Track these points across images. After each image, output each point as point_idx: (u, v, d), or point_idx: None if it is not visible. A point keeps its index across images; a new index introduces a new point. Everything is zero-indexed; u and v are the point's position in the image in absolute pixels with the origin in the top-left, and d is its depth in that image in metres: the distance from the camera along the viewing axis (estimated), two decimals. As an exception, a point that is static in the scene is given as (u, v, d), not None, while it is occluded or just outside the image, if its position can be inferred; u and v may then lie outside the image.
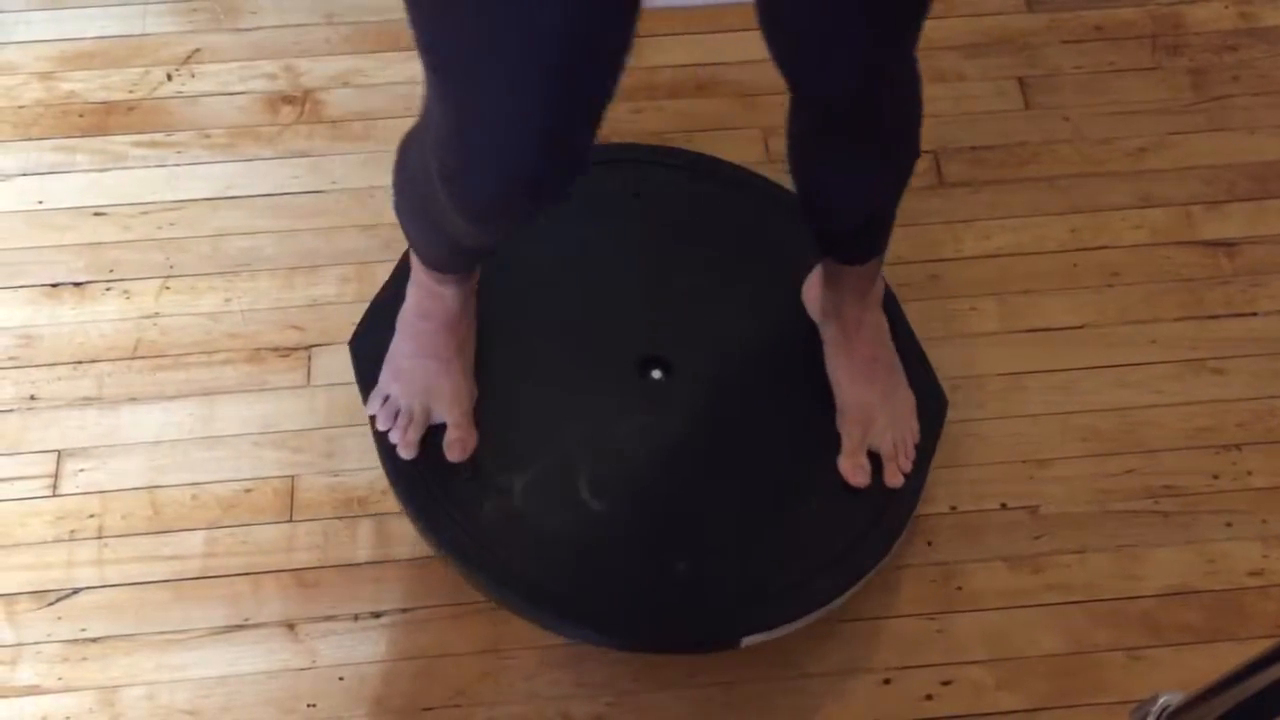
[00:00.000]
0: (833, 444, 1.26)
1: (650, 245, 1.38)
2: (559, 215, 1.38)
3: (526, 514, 1.21)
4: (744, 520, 1.23)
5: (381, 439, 1.24)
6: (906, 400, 1.28)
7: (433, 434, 1.24)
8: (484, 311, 1.30)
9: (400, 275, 1.31)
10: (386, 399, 1.24)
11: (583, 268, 1.35)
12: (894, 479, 1.25)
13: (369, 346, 1.29)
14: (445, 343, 1.23)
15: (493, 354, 1.28)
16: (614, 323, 1.32)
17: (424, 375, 1.23)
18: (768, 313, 1.34)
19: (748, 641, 1.18)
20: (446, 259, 1.20)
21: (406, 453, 1.22)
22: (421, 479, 1.22)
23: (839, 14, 0.94)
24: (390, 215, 1.50)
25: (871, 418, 1.25)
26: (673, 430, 1.27)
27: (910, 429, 1.27)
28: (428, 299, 1.24)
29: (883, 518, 1.23)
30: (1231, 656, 0.75)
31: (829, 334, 1.29)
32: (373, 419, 1.25)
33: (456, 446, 1.22)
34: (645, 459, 1.25)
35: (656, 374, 1.30)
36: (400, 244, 1.47)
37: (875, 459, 1.25)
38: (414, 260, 1.24)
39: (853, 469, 1.24)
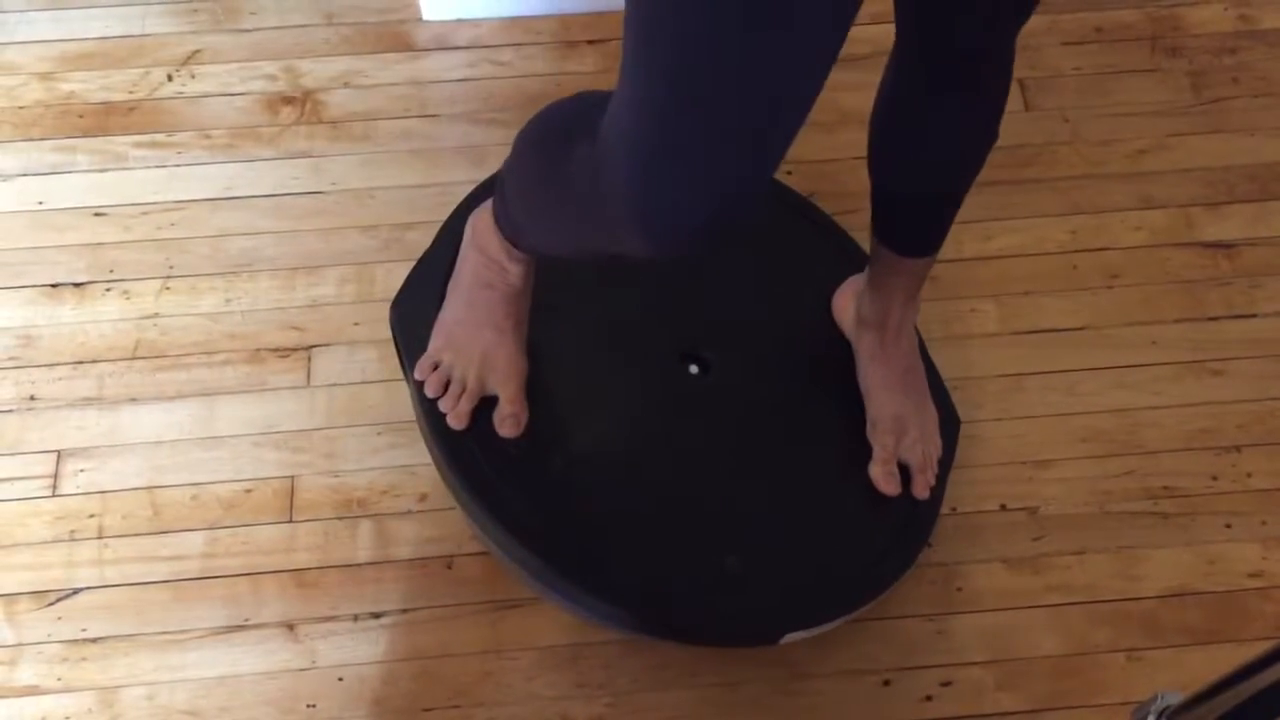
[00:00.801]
0: (859, 450, 1.27)
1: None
2: None
3: (575, 497, 1.20)
4: (785, 519, 1.24)
5: (428, 407, 1.20)
6: (933, 416, 1.30)
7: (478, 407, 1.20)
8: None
9: (444, 241, 1.28)
10: (437, 366, 1.21)
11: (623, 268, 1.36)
12: (923, 491, 1.26)
13: (409, 312, 1.25)
14: (505, 314, 1.19)
15: (536, 336, 1.25)
16: (651, 317, 1.32)
17: (480, 345, 1.19)
18: (796, 320, 1.36)
19: (788, 639, 1.18)
20: (557, 251, 1.11)
21: (457, 423, 1.18)
22: (471, 452, 1.19)
23: None
24: (390, 216, 1.51)
25: (904, 429, 1.27)
26: (713, 426, 1.28)
27: (936, 444, 1.28)
28: (489, 269, 1.18)
29: (911, 523, 1.25)
30: (1231, 658, 0.75)
31: (865, 344, 1.29)
32: (419, 385, 1.21)
33: (510, 422, 1.19)
34: (690, 452, 1.26)
35: (693, 369, 1.31)
36: (401, 244, 1.48)
37: (901, 469, 1.27)
38: (485, 229, 1.17)
39: (885, 477, 1.25)
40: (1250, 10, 1.70)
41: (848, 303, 1.33)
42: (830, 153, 1.54)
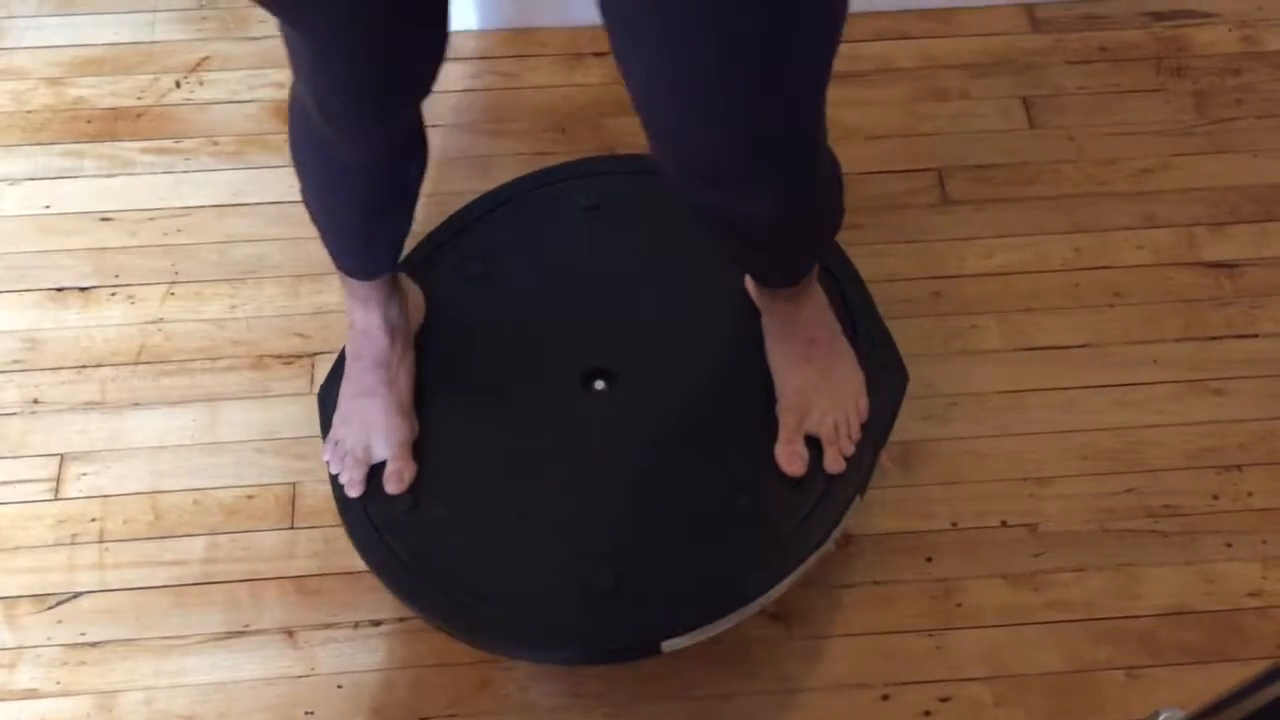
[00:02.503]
0: (775, 437, 1.22)
1: (602, 256, 1.36)
2: (514, 232, 1.37)
3: (460, 539, 1.20)
4: (674, 524, 1.21)
5: (335, 482, 1.24)
6: (850, 379, 1.23)
7: (379, 470, 1.24)
8: (430, 341, 1.30)
9: None
10: (337, 443, 1.25)
11: (532, 285, 1.34)
12: (834, 464, 1.19)
13: (333, 396, 1.29)
14: (377, 379, 1.25)
15: (439, 384, 1.28)
16: (560, 338, 1.31)
17: (362, 413, 1.24)
18: (714, 313, 1.32)
19: (669, 646, 1.16)
20: (358, 229, 1.22)
21: (352, 491, 1.23)
22: (364, 514, 1.22)
23: (693, 64, 0.81)
24: (395, 225, 1.52)
25: (809, 402, 1.21)
26: (611, 440, 1.25)
27: (855, 409, 1.22)
28: (360, 339, 1.26)
29: (815, 511, 1.18)
30: (1230, 677, 0.75)
31: (765, 323, 1.26)
32: (327, 463, 1.25)
33: (394, 478, 1.23)
34: (582, 473, 1.24)
35: (599, 385, 1.28)
36: (405, 253, 1.48)
37: (816, 445, 1.21)
38: (347, 298, 1.27)
39: (788, 457, 1.20)
40: (1255, 31, 1.70)
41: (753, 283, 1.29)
42: (835, 168, 1.55)
